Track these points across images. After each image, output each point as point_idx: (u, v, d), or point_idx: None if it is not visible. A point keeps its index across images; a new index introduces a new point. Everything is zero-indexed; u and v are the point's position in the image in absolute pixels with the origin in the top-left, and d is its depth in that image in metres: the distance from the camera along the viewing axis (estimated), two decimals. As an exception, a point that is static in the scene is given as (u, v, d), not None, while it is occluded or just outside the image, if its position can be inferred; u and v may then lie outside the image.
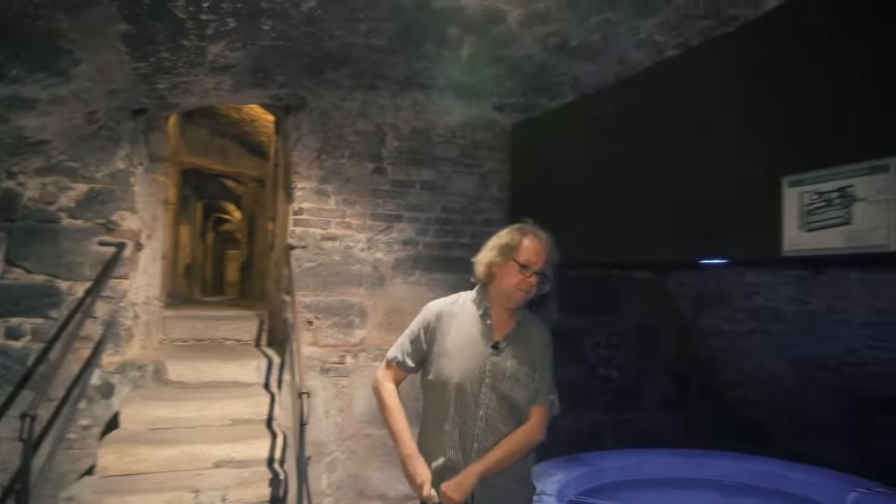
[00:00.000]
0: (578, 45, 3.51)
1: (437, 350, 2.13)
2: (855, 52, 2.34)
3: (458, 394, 2.05)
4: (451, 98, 4.79)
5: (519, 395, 2.06)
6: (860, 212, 2.28)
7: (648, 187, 3.51)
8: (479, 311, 2.16)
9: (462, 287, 4.94)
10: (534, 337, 2.17)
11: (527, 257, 2.08)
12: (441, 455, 2.06)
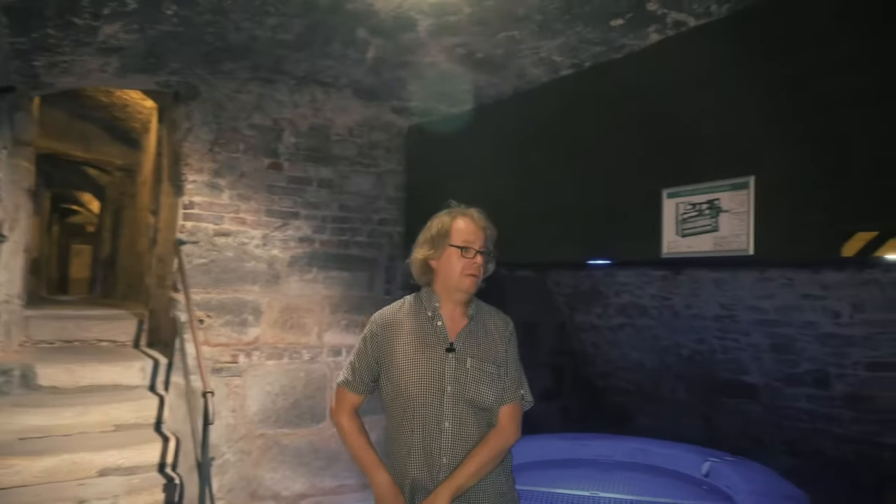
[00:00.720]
0: (483, 58, 3.73)
1: (388, 363, 1.91)
2: (724, 87, 2.76)
3: (419, 408, 1.84)
4: (349, 97, 4.83)
5: (486, 396, 1.86)
6: (725, 221, 2.70)
7: (542, 194, 3.82)
8: (428, 313, 1.95)
9: (358, 285, 5.03)
10: (492, 329, 1.98)
11: (464, 238, 1.93)
12: (408, 476, 1.85)
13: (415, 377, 1.87)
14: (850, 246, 2.29)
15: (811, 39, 2.45)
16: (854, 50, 2.30)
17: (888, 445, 3.90)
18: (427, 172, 5.03)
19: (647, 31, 3.07)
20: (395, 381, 1.90)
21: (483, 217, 2.02)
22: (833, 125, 2.37)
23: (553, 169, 3.71)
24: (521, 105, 4.00)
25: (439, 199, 4.79)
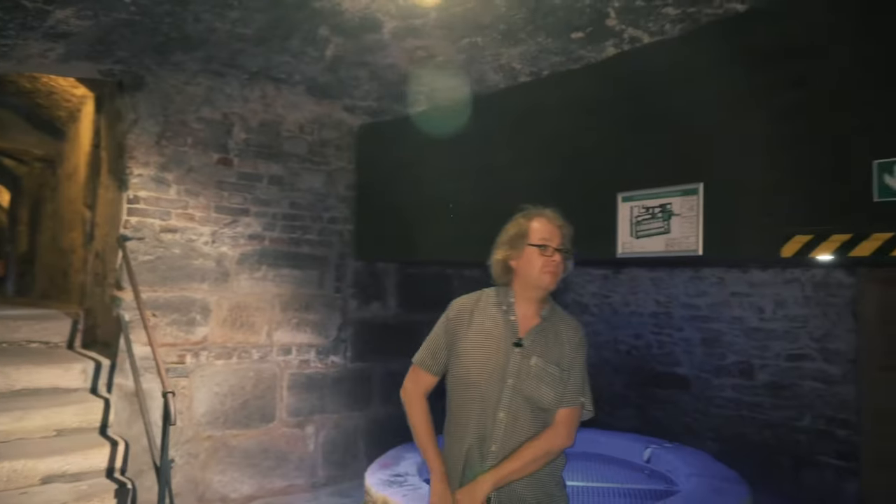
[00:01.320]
0: (443, 62, 3.82)
1: (459, 349, 1.97)
2: (676, 100, 2.99)
3: (477, 394, 1.91)
4: (302, 94, 4.80)
5: (544, 396, 1.89)
6: (677, 224, 2.93)
7: (499, 196, 3.95)
8: (503, 308, 1.99)
9: (309, 283, 5.00)
10: (562, 333, 1.99)
11: (542, 236, 1.95)
12: (461, 459, 1.91)
13: (479, 365, 1.92)
14: (789, 248, 2.56)
15: (757, 60, 2.71)
16: (796, 70, 2.57)
17: (803, 429, 4.32)
18: (379, 171, 5.07)
19: (604, 45, 3.27)
20: (460, 366, 1.96)
21: (558, 216, 2.03)
22: (775, 138, 2.64)
23: (511, 172, 3.85)
24: (479, 108, 4.12)
25: (392, 198, 4.89)
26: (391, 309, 5.48)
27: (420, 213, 4.64)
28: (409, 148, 4.79)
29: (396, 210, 4.86)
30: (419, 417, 2.03)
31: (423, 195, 4.62)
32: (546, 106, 3.63)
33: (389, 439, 5.22)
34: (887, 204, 2.29)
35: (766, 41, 2.70)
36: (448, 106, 4.40)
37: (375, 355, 5.32)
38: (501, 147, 3.93)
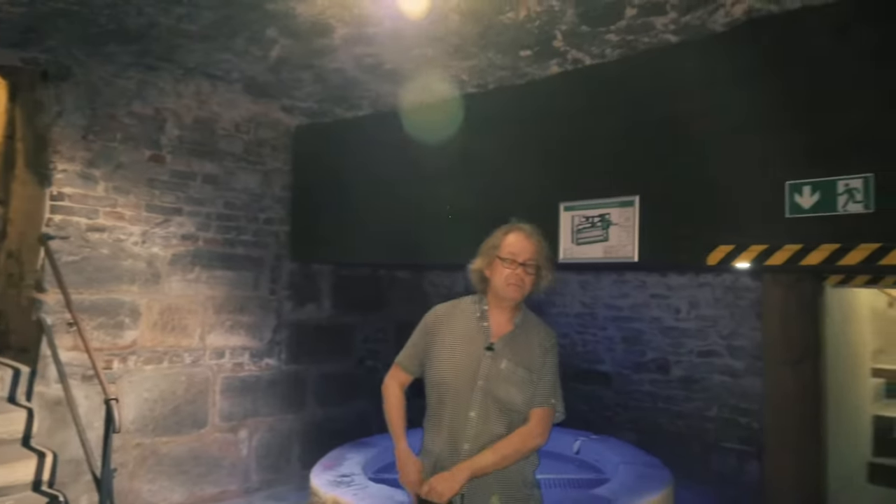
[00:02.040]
0: (391, 69, 3.90)
1: (435, 352, 2.10)
2: (614, 119, 3.25)
3: (451, 395, 2.03)
4: (239, 92, 4.71)
5: (513, 398, 2.00)
6: (614, 233, 3.19)
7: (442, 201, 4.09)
8: (476, 315, 2.12)
9: (243, 285, 4.90)
10: (534, 339, 2.10)
11: (509, 251, 2.05)
12: (435, 455, 2.04)
13: (452, 367, 2.06)
14: (714, 256, 2.87)
15: (685, 88, 3.01)
16: (719, 99, 2.89)
17: (711, 418, 4.78)
18: (316, 173, 5.06)
19: (549, 64, 3.49)
20: (435, 368, 2.10)
21: (535, 232, 2.13)
22: (701, 158, 2.94)
23: (455, 178, 4.00)
24: (423, 116, 4.23)
25: (329, 200, 4.90)
26: (326, 310, 5.48)
27: (358, 216, 4.69)
28: (348, 151, 4.83)
29: (334, 212, 4.88)
30: (393, 407, 2.22)
31: (362, 198, 4.67)
32: (493, 117, 3.80)
33: (325, 441, 5.23)
34: (797, 220, 2.64)
35: (693, 71, 3.01)
36: (391, 112, 4.48)
37: (310, 357, 5.30)
38: (445, 155, 4.06)
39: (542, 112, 3.56)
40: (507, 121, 3.73)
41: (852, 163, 2.52)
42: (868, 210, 2.47)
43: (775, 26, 2.76)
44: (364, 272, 5.82)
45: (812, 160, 2.62)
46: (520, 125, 3.66)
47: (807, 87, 2.66)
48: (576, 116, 3.40)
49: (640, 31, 3.06)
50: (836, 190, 2.55)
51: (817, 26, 2.63)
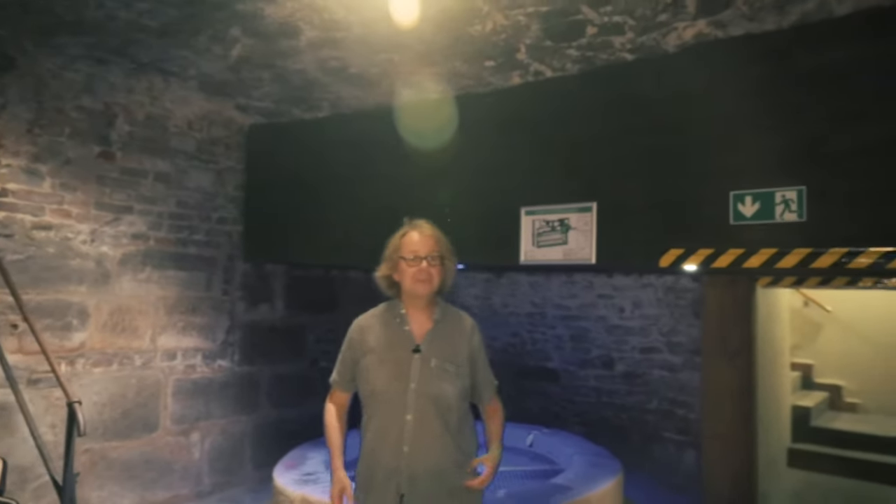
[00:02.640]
0: (355, 73, 3.96)
1: (363, 363, 2.15)
2: (574, 130, 3.44)
3: (385, 402, 2.08)
4: (193, 89, 4.62)
5: (447, 392, 2.08)
6: (573, 236, 3.38)
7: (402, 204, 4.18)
8: (396, 320, 2.18)
9: (196, 286, 4.83)
10: (455, 330, 2.19)
11: (410, 249, 2.13)
12: (378, 462, 2.08)
13: (383, 374, 2.11)
14: (665, 258, 3.11)
15: (639, 103, 3.24)
16: (670, 116, 3.13)
17: (651, 411, 5.09)
18: (270, 173, 5.04)
19: (512, 74, 3.65)
20: (366, 378, 2.15)
21: (431, 227, 2.23)
22: (654, 170, 3.18)
23: (417, 182, 4.10)
24: (386, 119, 4.31)
25: (284, 200, 4.90)
26: (279, 311, 5.45)
27: (313, 217, 4.71)
28: (305, 152, 4.84)
29: (290, 213, 4.87)
30: (330, 429, 2.26)
31: (318, 199, 4.69)
32: (456, 123, 3.92)
33: (278, 443, 5.21)
34: (740, 227, 2.91)
35: (647, 88, 3.24)
36: (353, 115, 4.53)
37: (263, 358, 5.26)
38: (407, 159, 4.16)
39: (504, 120, 3.72)
40: (470, 127, 3.86)
41: (788, 176, 2.80)
42: (801, 219, 2.76)
43: (720, 50, 3.02)
44: (317, 273, 5.82)
45: (753, 173, 2.89)
46: (482, 132, 3.80)
47: (749, 107, 2.94)
48: (537, 126, 3.58)
49: (599, 49, 3.26)
50: (774, 200, 2.83)
51: (759, 52, 2.91)
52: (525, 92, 3.66)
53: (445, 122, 4.00)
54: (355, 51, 3.68)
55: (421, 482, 2.06)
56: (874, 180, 2.62)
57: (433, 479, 2.06)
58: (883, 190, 2.61)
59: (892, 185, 2.59)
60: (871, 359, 6.62)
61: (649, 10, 2.91)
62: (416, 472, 2.06)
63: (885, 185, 2.60)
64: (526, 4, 3.02)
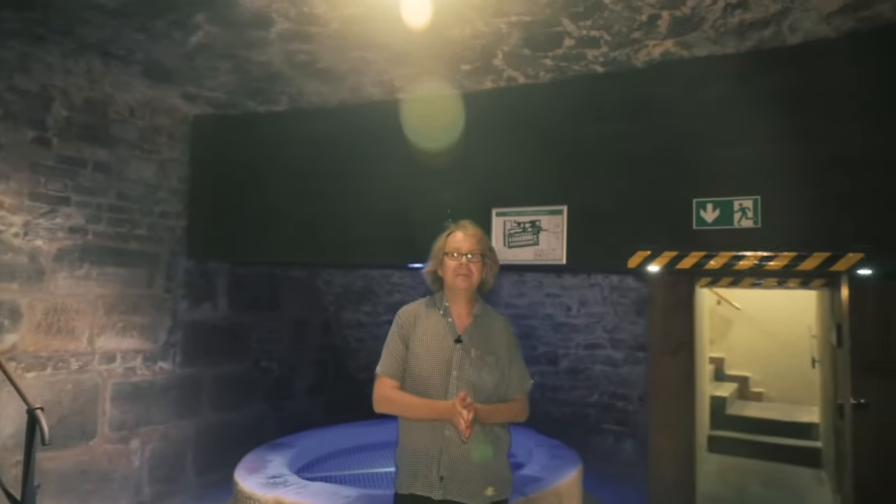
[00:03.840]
0: (323, 68, 3.90)
1: (412, 350, 2.25)
2: (546, 136, 3.60)
3: (430, 386, 2.19)
4: (135, 74, 4.36)
5: (486, 381, 2.21)
6: (544, 238, 3.53)
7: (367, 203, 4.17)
8: (440, 311, 2.31)
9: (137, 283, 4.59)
10: (493, 328, 2.33)
11: (453, 247, 2.28)
12: (420, 448, 2.17)
13: (428, 361, 2.22)
14: (633, 260, 3.32)
15: (608, 113, 3.45)
16: (627, 125, 3.36)
17: (593, 404, 5.37)
18: (218, 166, 4.84)
19: (485, 79, 3.74)
20: (412, 364, 2.24)
21: (474, 227, 2.37)
22: (622, 177, 3.39)
23: (384, 180, 4.10)
24: (349, 116, 4.28)
25: (231, 195, 4.74)
26: (222, 310, 5.24)
27: (262, 214, 4.58)
28: (257, 145, 4.69)
29: (236, 208, 4.71)
30: (403, 396, 2.23)
31: (270, 195, 4.57)
32: (424, 123, 3.96)
33: (221, 448, 5.03)
34: (702, 231, 3.17)
35: (615, 100, 3.45)
36: (312, 110, 4.45)
37: (205, 359, 5.05)
38: (374, 156, 4.15)
39: (476, 123, 3.80)
40: (440, 128, 3.91)
41: (745, 186, 3.10)
42: (757, 225, 3.06)
43: (685, 69, 3.28)
44: (260, 270, 5.65)
45: (714, 183, 3.17)
46: (453, 133, 3.86)
47: (710, 123, 3.21)
48: (509, 129, 3.70)
49: (573, 60, 3.43)
50: (732, 208, 3.11)
51: (720, 72, 3.19)
52: (497, 96, 3.77)
53: (413, 122, 4.03)
54: (328, 46, 3.64)
55: (460, 466, 2.15)
56: (821, 192, 2.96)
57: (471, 464, 2.16)
58: (828, 201, 2.94)
59: (836, 197, 2.93)
60: (773, 352, 7.34)
61: (625, 28, 3.11)
62: (455, 456, 2.16)
63: (830, 197, 2.94)
64: (510, 13, 3.13)
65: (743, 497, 4.98)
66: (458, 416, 2.06)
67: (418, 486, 2.18)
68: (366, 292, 6.13)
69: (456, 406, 2.07)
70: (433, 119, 3.97)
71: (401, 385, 2.26)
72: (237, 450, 5.11)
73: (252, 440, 5.26)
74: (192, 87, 4.53)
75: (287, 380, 5.95)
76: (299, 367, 6.11)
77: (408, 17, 3.16)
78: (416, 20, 3.18)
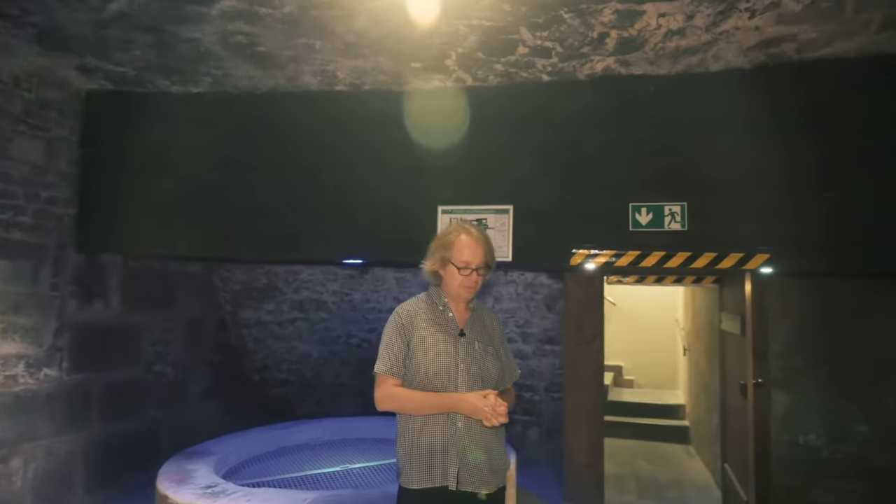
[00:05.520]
0: (263, 52, 3.69)
1: (415, 347, 2.24)
2: (493, 137, 3.74)
3: (438, 381, 2.20)
4: (25, 38, 3.80)
5: (490, 371, 2.29)
6: (491, 235, 3.64)
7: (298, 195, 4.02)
8: (439, 308, 2.34)
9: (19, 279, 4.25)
10: (486, 321, 2.42)
11: (463, 259, 2.25)
12: (432, 441, 2.17)
13: (435, 356, 2.24)
14: (574, 259, 3.58)
15: (551, 120, 3.68)
16: (577, 134, 3.62)
17: (500, 395, 5.62)
18: (115, 148, 4.38)
19: (433, 78, 3.79)
20: (419, 361, 2.24)
21: (481, 232, 2.34)
22: (565, 180, 3.64)
23: (315, 172, 3.98)
24: (281, 103, 4.09)
25: (132, 182, 4.34)
26: (114, 309, 4.73)
27: (165, 203, 4.24)
28: (165, 128, 4.31)
29: (135, 196, 4.30)
30: (410, 392, 2.21)
31: (173, 183, 4.24)
32: (367, 115, 3.93)
33: (112, 462, 4.61)
34: (637, 233, 3.51)
35: (559, 108, 3.69)
36: (238, 94, 4.19)
37: (95, 365, 4.53)
38: (307, 147, 4.02)
39: (421, 119, 3.84)
40: (383, 122, 3.90)
41: (674, 193, 3.48)
42: (684, 228, 3.45)
43: (623, 85, 3.60)
44: (154, 265, 5.17)
45: (648, 189, 3.52)
46: (397, 128, 3.87)
47: (643, 135, 3.56)
48: (455, 129, 3.79)
49: (522, 67, 3.61)
50: (663, 212, 3.48)
51: (654, 90, 3.55)
52: (442, 96, 3.84)
53: (354, 116, 3.97)
54: (275, 30, 3.47)
55: (472, 457, 2.18)
56: (736, 201, 3.42)
57: (482, 455, 2.20)
58: (742, 209, 3.41)
59: (748, 206, 3.40)
60: (641, 343, 8.19)
61: (577, 42, 3.35)
62: (468, 447, 2.19)
63: (744, 206, 3.41)
64: (472, 17, 3.22)
65: (636, 473, 5.52)
66: (482, 411, 2.10)
67: (432, 480, 2.19)
68: (269, 289, 5.85)
69: (487, 400, 2.12)
70: (374, 114, 3.94)
71: (408, 378, 2.26)
72: (130, 465, 4.69)
73: (146, 452, 4.84)
74: (94, 58, 4.04)
75: (181, 384, 5.50)
76: (194, 370, 5.68)
77: (374, 9, 3.13)
78: (380, 13, 3.16)
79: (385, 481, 3.80)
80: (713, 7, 3.01)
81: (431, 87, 3.89)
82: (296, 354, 6.09)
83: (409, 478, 2.23)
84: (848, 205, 3.27)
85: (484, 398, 2.12)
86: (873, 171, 3.26)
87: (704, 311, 5.78)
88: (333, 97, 4.00)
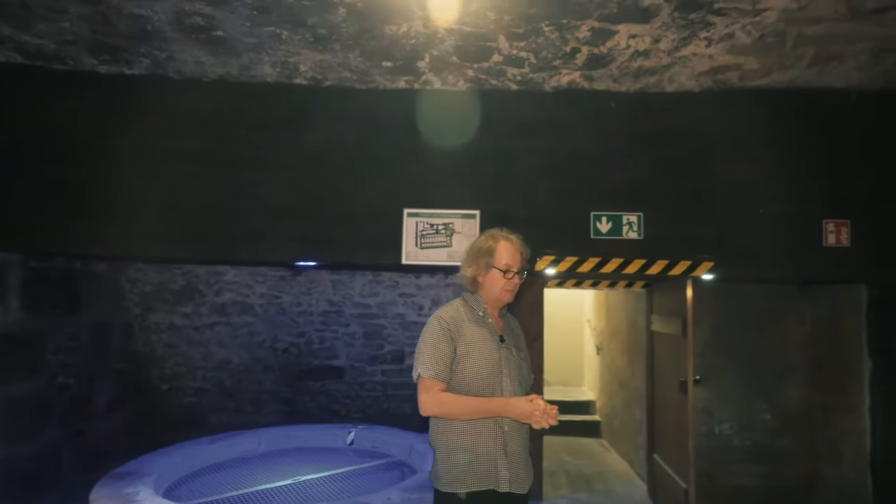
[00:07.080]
0: (221, 37, 3.40)
1: (461, 352, 2.27)
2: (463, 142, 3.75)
3: (484, 386, 2.25)
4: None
5: (526, 375, 2.41)
6: (457, 240, 3.68)
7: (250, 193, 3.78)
8: (479, 314, 2.38)
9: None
10: (514, 326, 2.53)
11: (506, 262, 2.36)
12: (480, 445, 2.21)
13: (483, 363, 2.28)
14: (540, 264, 3.69)
15: (522, 128, 3.76)
16: (547, 142, 3.74)
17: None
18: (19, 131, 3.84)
19: (400, 79, 3.73)
20: (466, 365, 2.27)
21: (519, 240, 2.46)
22: (530, 187, 3.74)
23: (275, 171, 3.77)
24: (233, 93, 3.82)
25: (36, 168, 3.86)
26: (13, 314, 4.15)
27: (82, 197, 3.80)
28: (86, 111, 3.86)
29: (45, 185, 3.81)
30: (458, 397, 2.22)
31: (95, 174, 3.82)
32: (330, 113, 3.77)
33: (9, 490, 4.03)
34: (598, 240, 3.70)
35: (526, 117, 3.79)
36: (180, 80, 3.84)
37: (-8, 378, 3.95)
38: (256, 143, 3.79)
39: (386, 119, 3.76)
40: (347, 120, 3.77)
41: (631, 204, 3.71)
42: (640, 237, 3.69)
43: (585, 99, 3.77)
44: (59, 265, 4.60)
45: (607, 199, 3.71)
46: (360, 127, 3.76)
47: (605, 149, 3.76)
48: (422, 131, 3.75)
49: (493, 74, 3.66)
50: (622, 222, 3.70)
51: (615, 106, 3.75)
52: (412, 96, 3.79)
53: (316, 112, 3.80)
54: (241, 15, 3.23)
55: (515, 459, 2.27)
56: (686, 213, 3.70)
57: (523, 456, 2.31)
58: (690, 220, 3.70)
59: (696, 218, 3.70)
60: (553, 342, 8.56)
61: (550, 55, 3.46)
62: (513, 450, 2.26)
63: (692, 218, 3.70)
64: (454, 20, 3.22)
65: (564, 468, 5.78)
66: (533, 414, 2.15)
67: (479, 483, 2.22)
68: (187, 291, 5.41)
69: (535, 405, 2.16)
70: (337, 111, 3.80)
71: (453, 382, 2.26)
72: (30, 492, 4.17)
73: (48, 476, 4.32)
74: (9, 27, 3.51)
75: (86, 396, 4.93)
76: (98, 380, 5.11)
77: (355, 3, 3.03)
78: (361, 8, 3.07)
79: (344, 492, 3.68)
80: (679, 33, 3.25)
81: (397, 87, 3.82)
82: (213, 361, 5.68)
83: (452, 482, 2.24)
84: (781, 220, 3.68)
85: (531, 402, 2.17)
86: (800, 190, 3.69)
87: (622, 313, 6.19)
88: (291, 90, 3.80)
